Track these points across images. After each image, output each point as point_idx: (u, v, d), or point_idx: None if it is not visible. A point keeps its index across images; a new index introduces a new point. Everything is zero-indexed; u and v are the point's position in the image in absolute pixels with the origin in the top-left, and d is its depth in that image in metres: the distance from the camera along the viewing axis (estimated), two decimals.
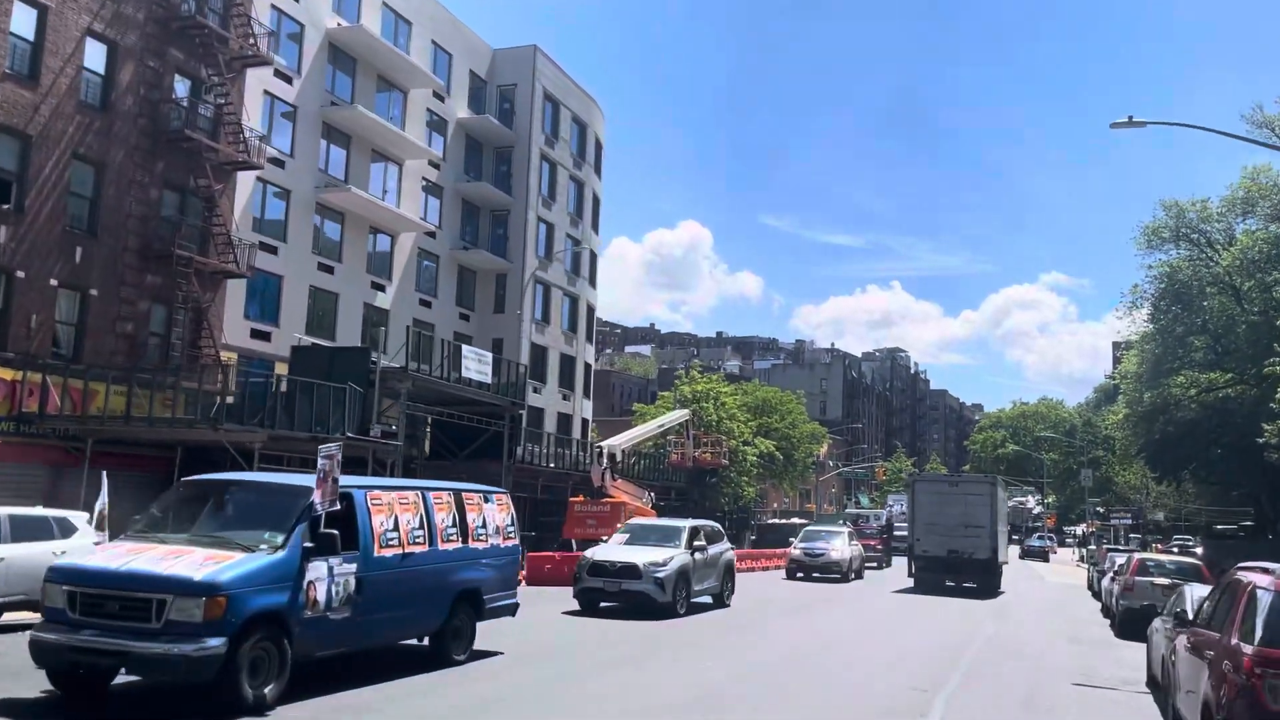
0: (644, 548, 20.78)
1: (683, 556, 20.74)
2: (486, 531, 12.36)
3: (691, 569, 20.91)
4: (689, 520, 23.31)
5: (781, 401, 76.87)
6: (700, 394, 54.44)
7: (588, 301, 58.16)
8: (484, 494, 12.91)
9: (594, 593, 20.32)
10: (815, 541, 36.46)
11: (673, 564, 20.19)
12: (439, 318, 47.75)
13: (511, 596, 13.51)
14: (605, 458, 35.05)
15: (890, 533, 46.57)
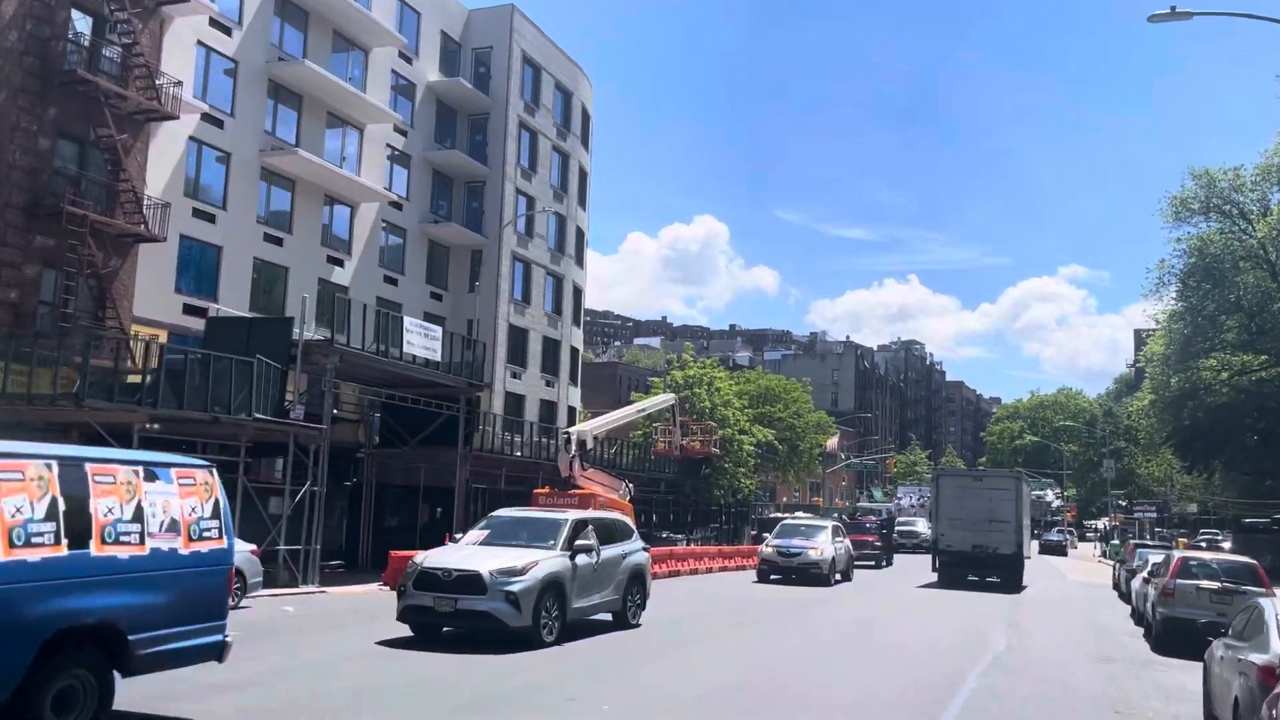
0: (502, 549, 14.81)
1: (554, 561, 14.67)
2: (146, 529, 7.71)
3: (569, 579, 14.84)
4: (574, 512, 17.08)
5: (785, 390, 73.08)
6: (692, 379, 50.76)
7: (574, 282, 54.52)
8: (145, 467, 8.11)
9: (423, 613, 14.22)
10: (791, 538, 31.21)
11: (535, 572, 14.13)
12: (407, 296, 44.23)
13: (210, 633, 8.69)
14: (574, 444, 31.44)
15: (892, 529, 42.67)
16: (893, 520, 44.95)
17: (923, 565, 41.17)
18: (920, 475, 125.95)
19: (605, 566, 16.03)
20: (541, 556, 14.61)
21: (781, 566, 30.38)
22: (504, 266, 47.48)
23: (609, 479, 33.79)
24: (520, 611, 13.77)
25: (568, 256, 53.46)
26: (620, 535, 17.24)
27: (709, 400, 49.45)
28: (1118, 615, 25.49)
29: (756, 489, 63.64)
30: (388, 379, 29.38)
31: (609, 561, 16.17)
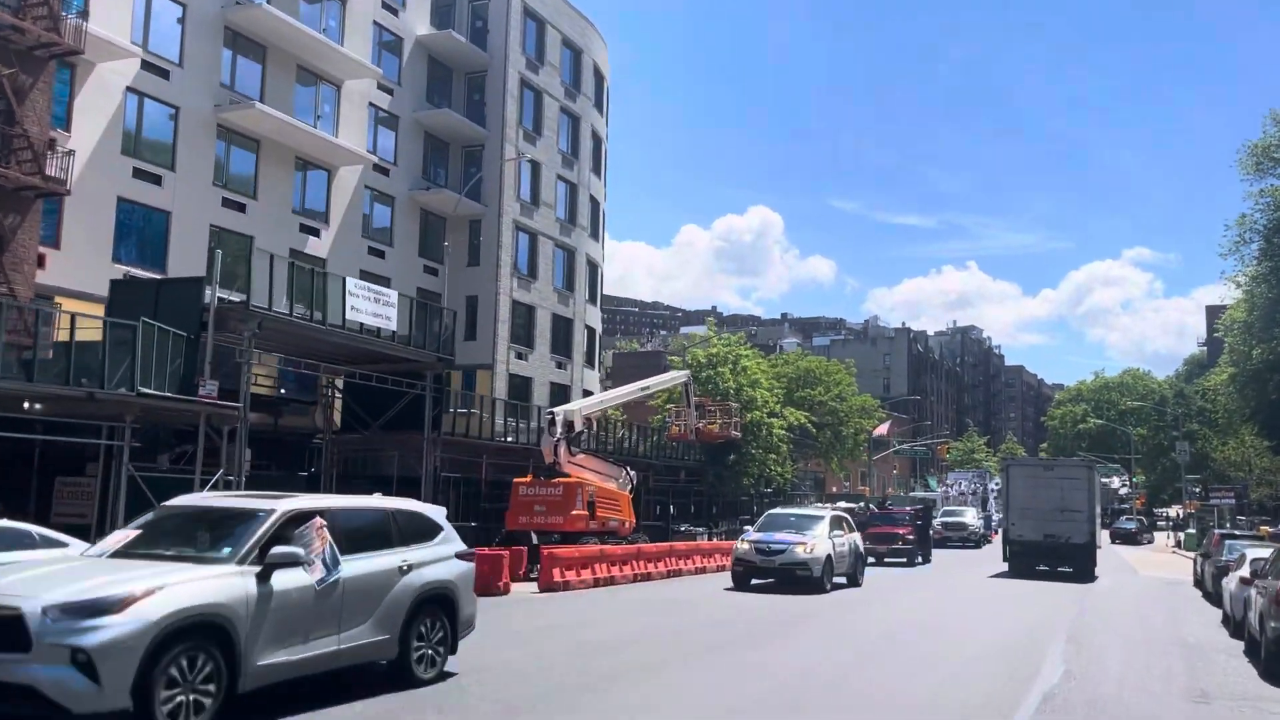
0: (136, 563, 8.66)
1: (209, 587, 8.31)
2: None
3: (245, 615, 8.41)
4: (291, 501, 9.72)
5: (826, 371, 68.39)
6: (716, 358, 46.32)
7: (589, 257, 50.35)
8: None
9: None
10: (776, 531, 24.25)
11: (149, 610, 7.76)
12: (397, 269, 40.42)
13: None
14: (559, 426, 27.30)
15: (930, 520, 37.43)
16: (930, 510, 40.05)
17: (968, 561, 36.24)
18: (979, 462, 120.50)
19: (356, 588, 9.67)
20: (192, 577, 8.28)
21: (760, 568, 23.59)
22: (505, 237, 43.46)
23: (605, 466, 29.62)
24: (101, 687, 7.33)
25: (580, 228, 49.29)
26: (408, 535, 10.75)
27: (733, 380, 44.98)
28: (1207, 622, 20.72)
29: (793, 477, 59.03)
30: (331, 352, 25.52)
31: (364, 580, 9.82)
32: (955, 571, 32.61)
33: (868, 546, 32.40)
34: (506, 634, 14.82)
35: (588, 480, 28.18)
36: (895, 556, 33.64)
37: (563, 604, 19.83)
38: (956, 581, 28.95)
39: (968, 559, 38.69)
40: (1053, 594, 26.01)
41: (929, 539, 35.91)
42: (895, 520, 35.28)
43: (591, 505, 27.20)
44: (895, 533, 34.06)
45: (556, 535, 26.51)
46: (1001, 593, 25.94)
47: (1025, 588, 27.39)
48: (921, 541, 34.49)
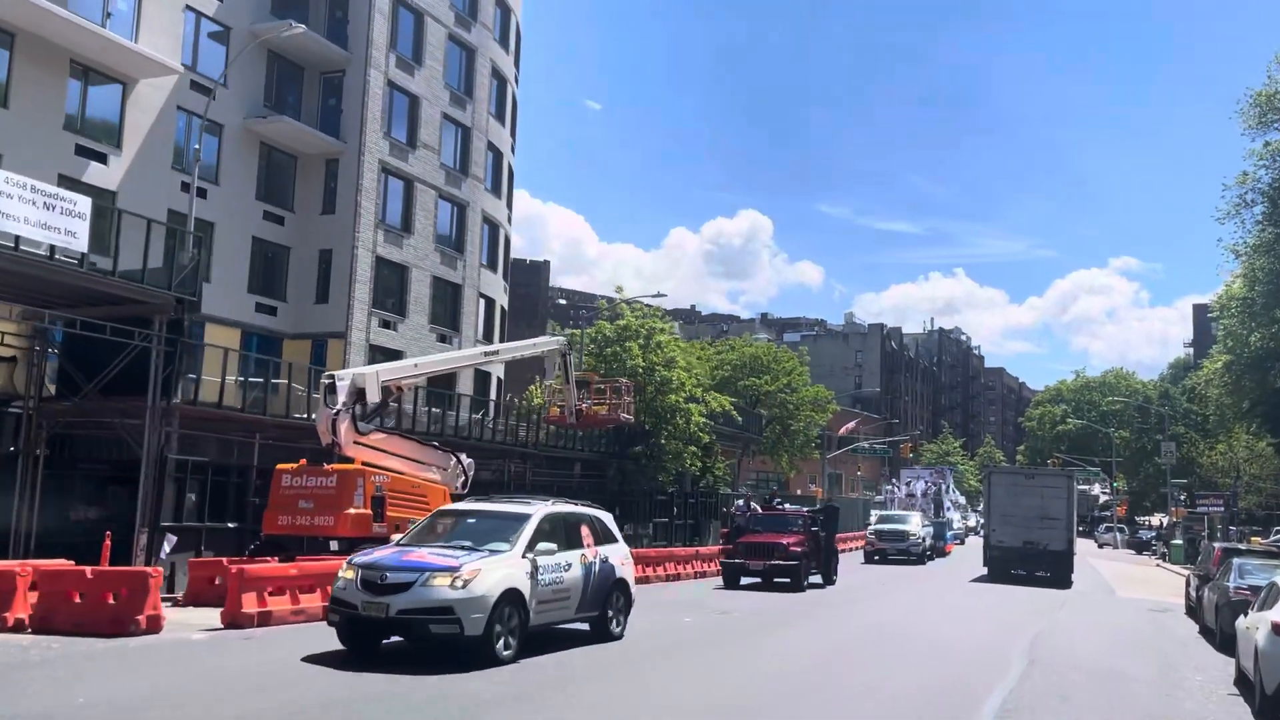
0: None
1: None
2: None
3: None
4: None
5: (775, 359, 61.35)
6: (627, 332, 39.16)
7: (486, 213, 43.20)
8: None
9: None
10: (423, 546, 13.20)
11: None
12: (225, 212, 33.25)
13: None
14: (343, 394, 20.16)
15: (833, 525, 28.75)
16: (835, 514, 31.73)
17: (900, 580, 29.37)
18: (953, 464, 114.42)
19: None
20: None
21: (364, 618, 12.06)
22: (368, 179, 36.25)
23: (418, 450, 22.45)
24: None
25: (474, 180, 42.11)
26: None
27: (643, 358, 37.81)
28: (1214, 681, 13.73)
29: (724, 474, 51.92)
30: (19, 286, 18.26)
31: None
32: (862, 599, 24.30)
33: (740, 561, 25.71)
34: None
35: (393, 466, 21.09)
36: (780, 575, 24.90)
37: (219, 655, 12.70)
38: (841, 620, 20.00)
39: (900, 577, 31.84)
40: (1005, 627, 19.04)
41: (833, 551, 27.31)
42: (781, 525, 26.29)
43: (379, 502, 20.09)
44: (777, 543, 24.82)
45: (335, 543, 19.50)
46: (1004, 587, 18.91)
47: (981, 616, 20.44)
48: (818, 555, 26.03)
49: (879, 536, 38.36)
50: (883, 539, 38.22)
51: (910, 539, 37.17)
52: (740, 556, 25.67)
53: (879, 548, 37.86)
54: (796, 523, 26.51)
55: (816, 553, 26.16)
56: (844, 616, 20.68)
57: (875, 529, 39.03)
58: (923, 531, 37.90)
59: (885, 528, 38.86)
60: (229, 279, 33.30)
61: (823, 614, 20.81)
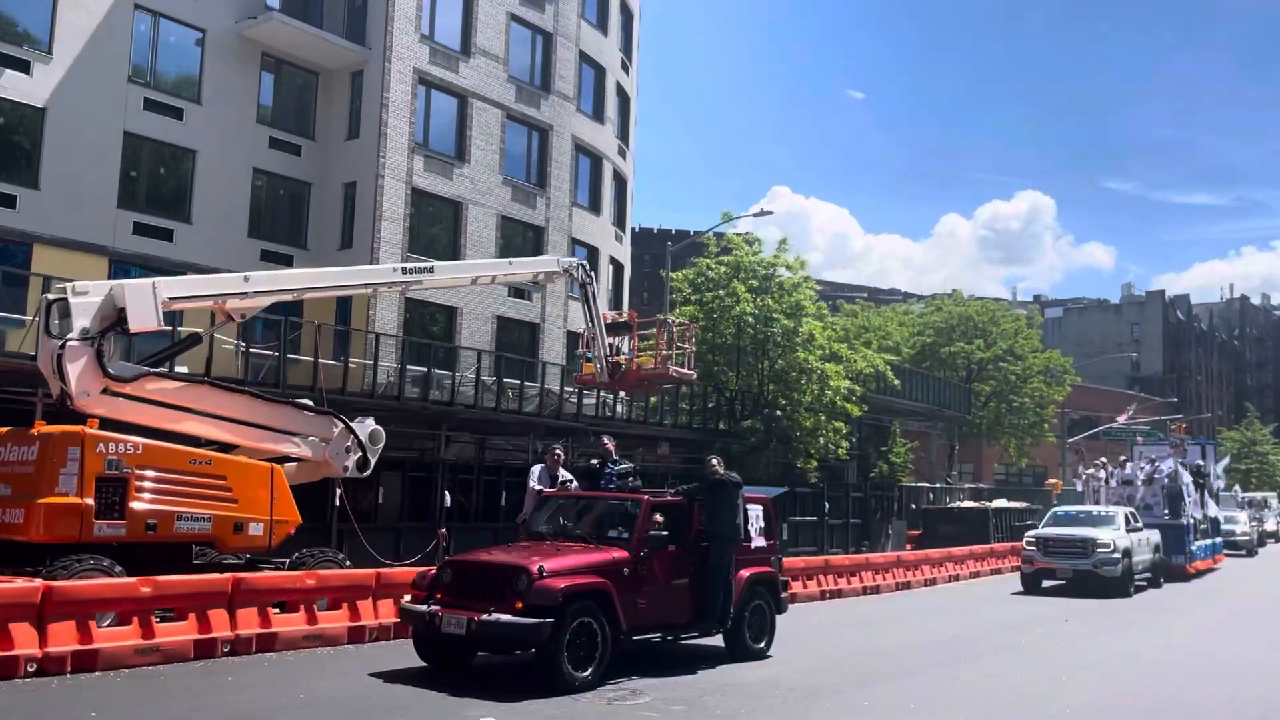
0: None
1: None
2: None
3: None
4: None
5: (992, 319, 49.41)
6: (737, 268, 29.39)
7: (586, 146, 35.15)
8: None
9: None
10: None
11: None
12: (211, 137, 27.16)
13: None
14: (82, 318, 12.74)
15: (723, 538, 11.72)
16: (728, 500, 13.67)
17: (958, 639, 16.71)
18: (1264, 455, 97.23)
19: None
20: None
21: None
22: (397, 93, 29.05)
23: (260, 410, 14.54)
24: None
25: (559, 98, 34.12)
26: None
27: (751, 303, 27.96)
28: None
29: (909, 459, 40.99)
30: None
31: None
32: None
33: (429, 613, 10.54)
34: None
35: (164, 436, 13.44)
36: (494, 646, 10.55)
37: None
38: None
39: (1026, 633, 16.07)
40: None
41: (720, 580, 11.69)
42: (583, 520, 12.03)
43: (115, 486, 12.42)
44: (514, 570, 10.18)
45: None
46: None
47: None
48: (660, 595, 11.25)
49: (1043, 547, 23.23)
50: (1050, 551, 23.07)
51: (1099, 552, 22.37)
52: (439, 599, 10.63)
53: (1042, 566, 23.07)
54: (619, 515, 11.70)
55: (650, 587, 11.15)
56: None
57: (1038, 534, 23.89)
58: (1127, 540, 23.09)
59: (1055, 533, 23.66)
60: (219, 220, 27.14)
61: None
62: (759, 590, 12.60)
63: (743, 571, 12.32)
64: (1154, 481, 28.32)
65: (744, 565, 12.39)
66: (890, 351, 47.18)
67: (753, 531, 12.76)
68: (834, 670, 12.11)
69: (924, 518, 39.39)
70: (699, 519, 11.95)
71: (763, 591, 12.68)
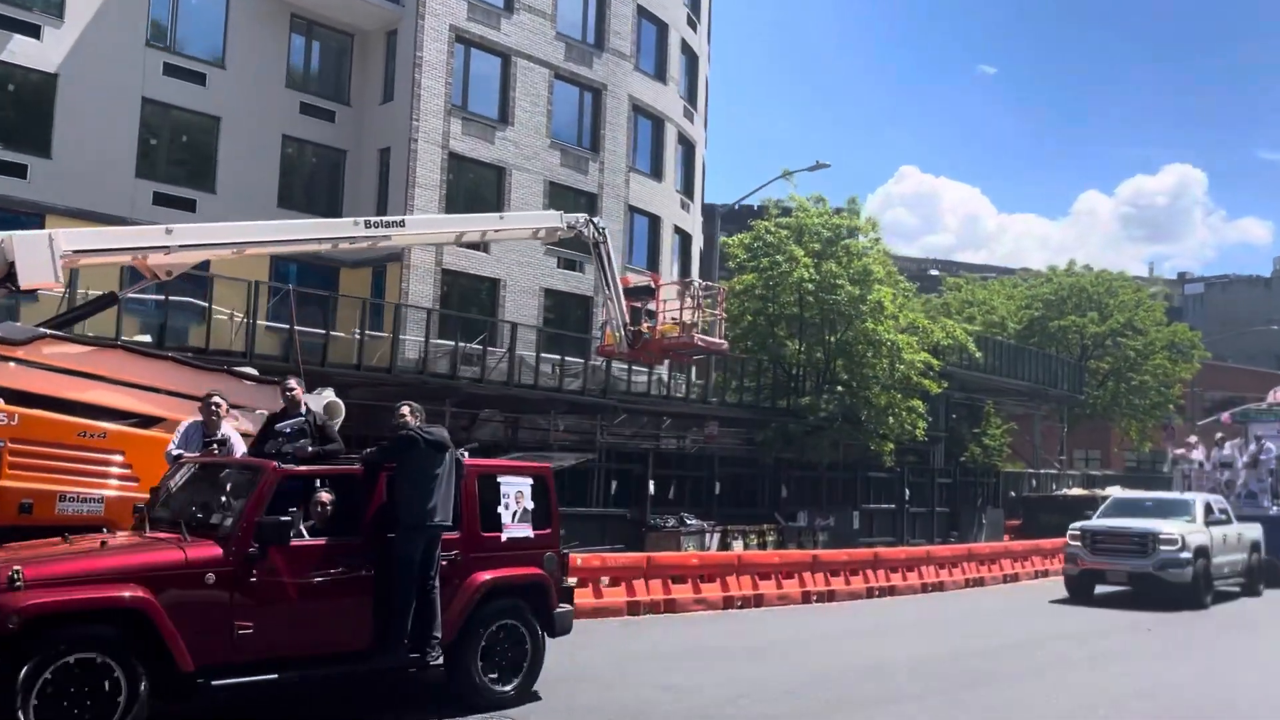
0: None
1: None
2: None
3: None
4: None
5: (1108, 290, 45.17)
6: (805, 233, 26.76)
7: (645, 107, 33.00)
8: None
9: None
10: None
11: None
12: (237, 104, 26.03)
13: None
14: None
15: (411, 523, 7.07)
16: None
17: None
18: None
19: None
20: None
21: None
22: (431, 51, 27.39)
23: (182, 376, 12.92)
24: None
25: (614, 55, 31.98)
26: None
27: (810, 270, 25.20)
28: None
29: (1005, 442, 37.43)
30: None
31: None
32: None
33: None
34: None
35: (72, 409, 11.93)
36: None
37: None
38: None
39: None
40: None
41: (404, 587, 7.88)
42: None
43: None
44: None
45: None
46: None
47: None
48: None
49: (1091, 543, 18.52)
50: (1100, 548, 18.41)
51: (1163, 550, 17.67)
52: None
53: (1090, 567, 18.46)
54: (240, 490, 7.89)
55: (280, 601, 7.57)
56: None
57: (1084, 526, 19.10)
58: (1204, 535, 18.41)
59: (1106, 525, 18.87)
60: (246, 189, 25.97)
61: None
62: (508, 604, 8.73)
63: (478, 574, 8.50)
64: (1259, 464, 23.64)
65: (484, 565, 8.61)
66: (995, 327, 43.57)
67: (505, 516, 8.89)
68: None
69: (1024, 506, 36.00)
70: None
71: (517, 606, 8.79)
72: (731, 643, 12.67)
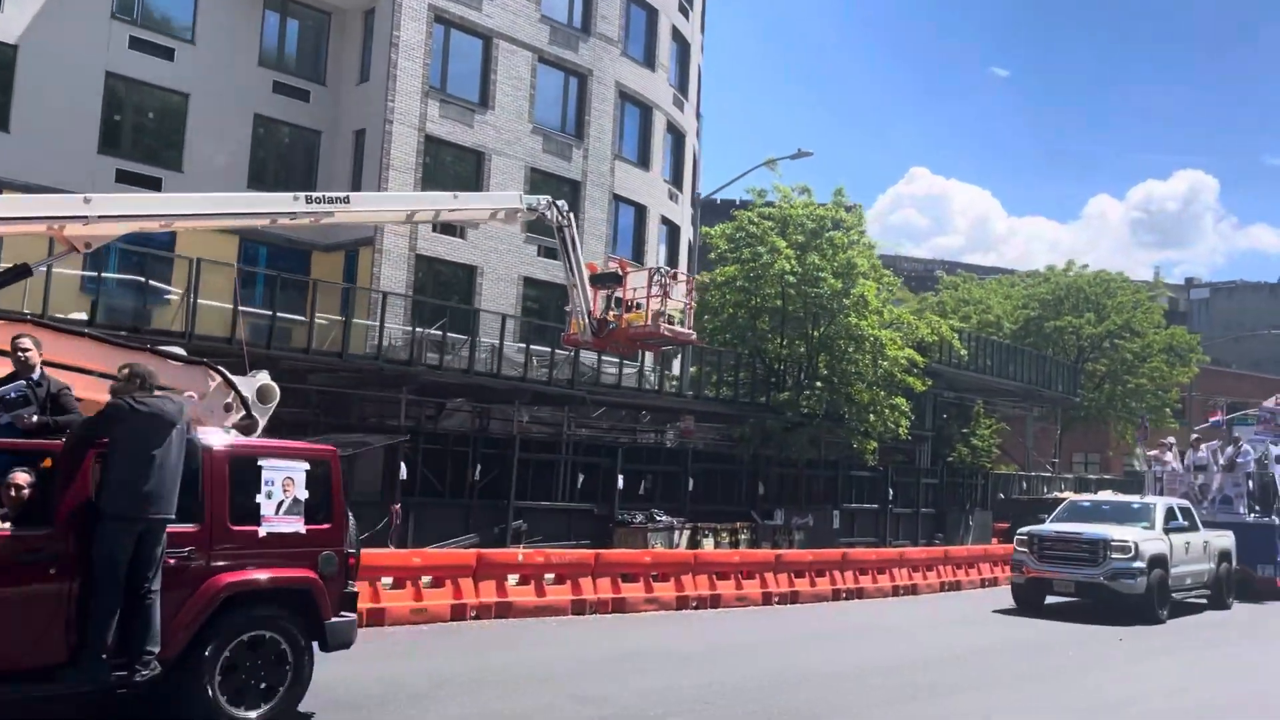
0: None
1: None
2: None
3: None
4: None
5: (1106, 291, 44.40)
6: (788, 223, 26.04)
7: (634, 95, 32.29)
8: None
9: None
10: None
11: None
12: (206, 81, 25.38)
13: None
14: None
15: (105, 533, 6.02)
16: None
17: None
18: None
19: None
20: None
21: None
22: (409, 31, 26.72)
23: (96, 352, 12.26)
24: None
25: (600, 40, 31.28)
26: None
27: (791, 261, 24.47)
28: None
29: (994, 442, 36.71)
30: None
31: None
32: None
33: None
34: None
35: None
36: None
37: None
38: None
39: None
40: None
41: (106, 591, 6.49)
42: None
43: None
44: None
45: None
46: None
47: None
48: None
49: (1039, 549, 17.18)
50: (1047, 555, 17.08)
51: (1115, 559, 16.27)
52: None
53: (1036, 575, 17.08)
54: None
55: None
56: None
57: (1032, 531, 17.88)
58: (1162, 543, 17.01)
59: (1055, 530, 17.58)
60: (216, 169, 25.32)
61: None
62: (262, 612, 7.22)
63: (221, 576, 6.99)
64: (1236, 467, 22.10)
65: (232, 565, 7.08)
66: (991, 327, 42.85)
67: (267, 507, 7.38)
68: None
69: (1012, 508, 35.26)
70: None
71: (274, 615, 7.27)
72: (672, 646, 12.01)
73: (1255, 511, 21.68)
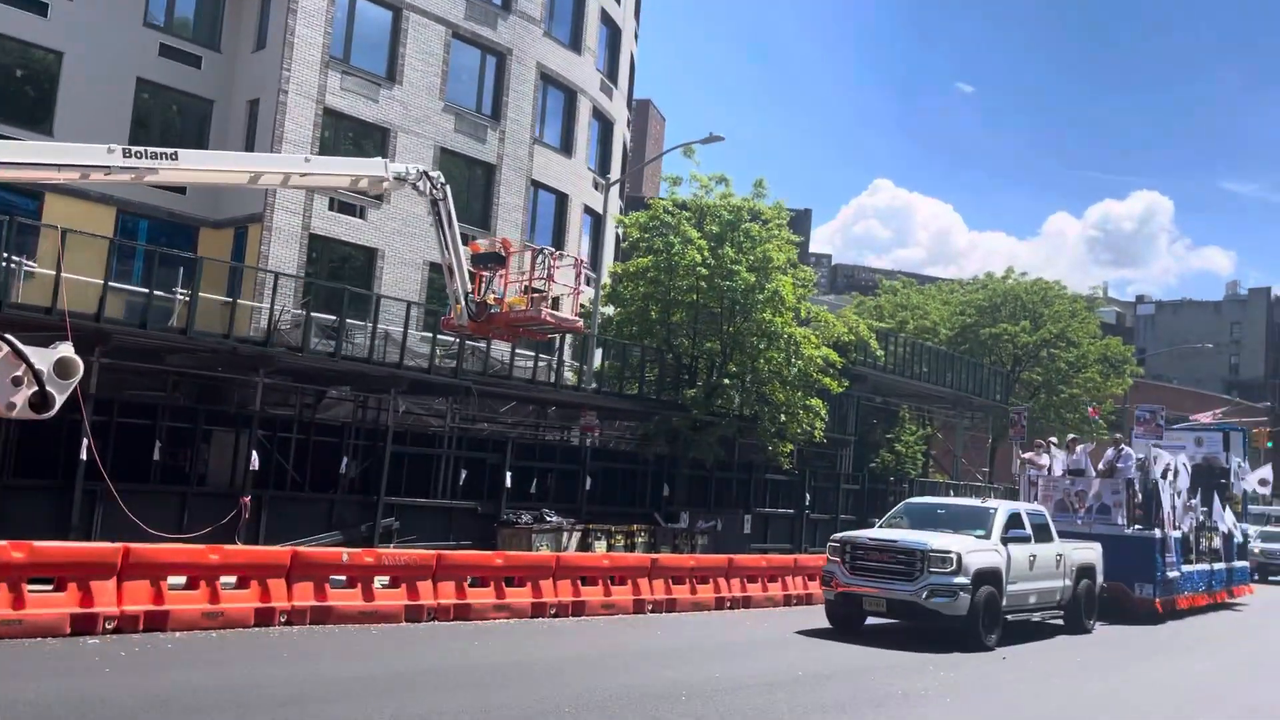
0: None
1: None
2: None
3: None
4: None
5: (1042, 299, 43.68)
6: (702, 213, 24.88)
7: (556, 77, 30.97)
8: None
9: None
10: None
11: None
12: (81, 40, 23.68)
13: None
14: None
15: None
16: None
17: None
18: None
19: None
20: None
21: None
22: None
23: None
24: None
25: (521, 18, 29.92)
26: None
27: (702, 254, 23.27)
28: None
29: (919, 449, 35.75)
30: None
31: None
32: None
33: None
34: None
35: None
36: None
37: None
38: None
39: None
40: None
41: None
42: None
43: None
44: None
45: None
46: None
47: None
48: None
49: (851, 559, 14.81)
50: (860, 567, 14.72)
51: (933, 573, 13.99)
52: None
53: (846, 590, 14.72)
54: None
55: None
56: None
57: (844, 537, 15.46)
58: (994, 555, 14.69)
59: (870, 537, 15.40)
60: (91, 134, 23.33)
61: None
62: None
63: None
64: (1117, 473, 20.26)
65: None
66: (928, 333, 41.99)
67: None
68: None
69: None
70: None
71: None
72: (481, 661, 10.68)
73: (1137, 527, 19.76)
